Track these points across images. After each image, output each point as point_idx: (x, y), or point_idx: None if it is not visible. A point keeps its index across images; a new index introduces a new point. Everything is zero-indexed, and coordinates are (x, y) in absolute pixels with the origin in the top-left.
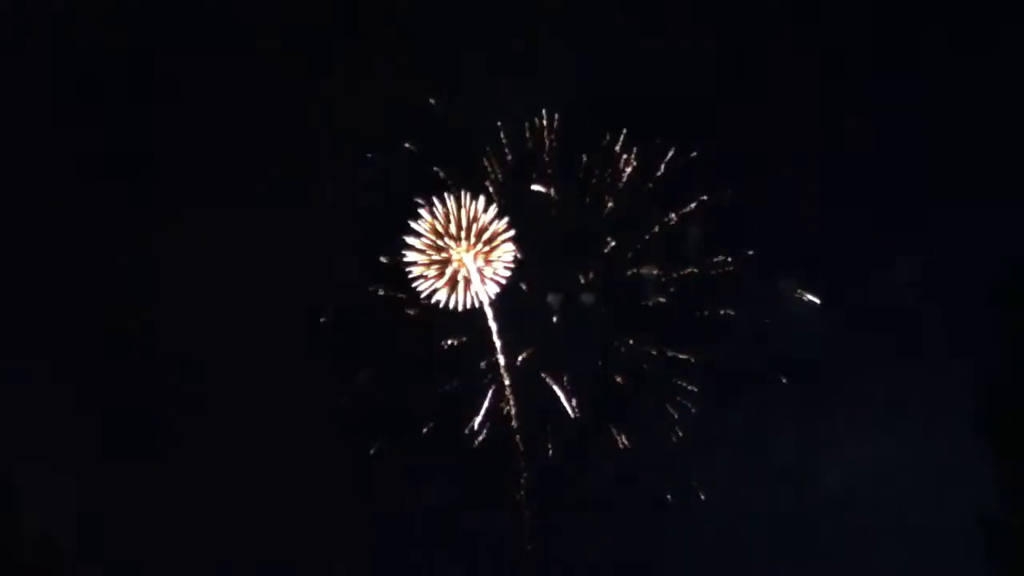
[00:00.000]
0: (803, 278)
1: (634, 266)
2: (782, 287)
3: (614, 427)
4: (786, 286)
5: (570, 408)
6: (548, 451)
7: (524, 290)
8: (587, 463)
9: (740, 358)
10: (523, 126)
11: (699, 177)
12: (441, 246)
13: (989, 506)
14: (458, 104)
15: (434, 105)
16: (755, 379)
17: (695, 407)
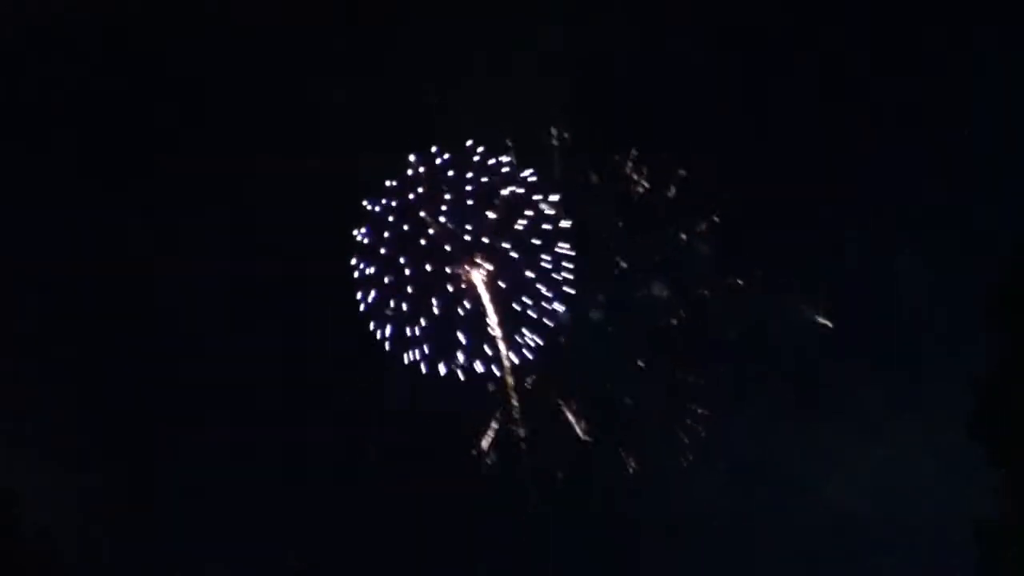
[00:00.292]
0: (809, 293)
1: (644, 286)
2: (800, 311)
3: (623, 450)
4: (805, 310)
5: (579, 430)
6: (557, 474)
7: (532, 308)
8: (595, 486)
9: (748, 378)
10: (531, 144)
11: (707, 197)
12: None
13: (985, 511)
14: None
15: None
16: (762, 398)
17: (704, 430)
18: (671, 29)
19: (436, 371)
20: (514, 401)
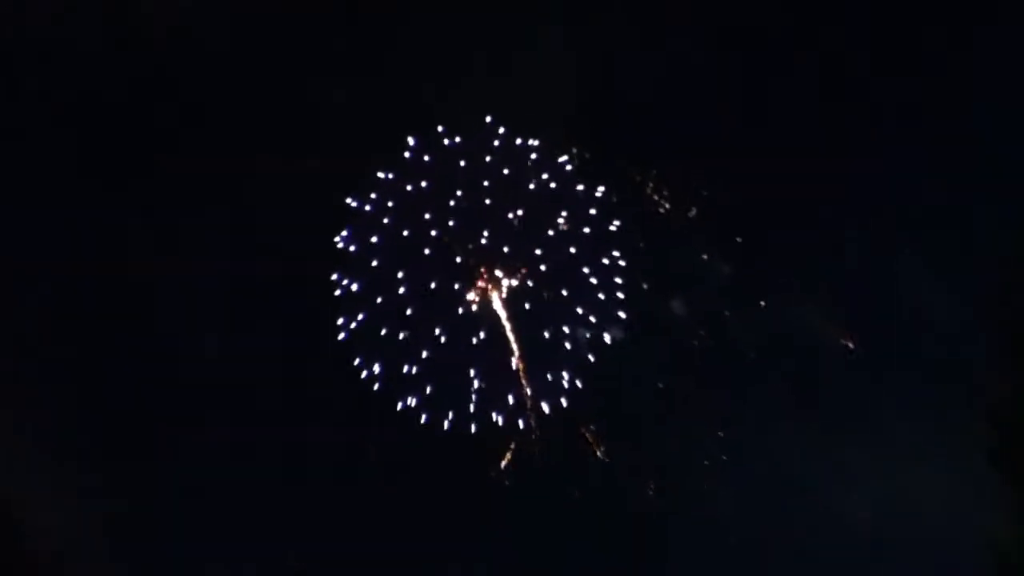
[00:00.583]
0: (828, 311)
1: (665, 305)
2: (827, 334)
3: (642, 473)
4: (832, 334)
5: (599, 451)
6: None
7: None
8: (614, 507)
9: (769, 395)
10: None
11: (726, 215)
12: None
13: (1001, 533)
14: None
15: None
16: (782, 414)
17: (724, 448)
18: (674, 30)
19: (438, 423)
20: (532, 422)
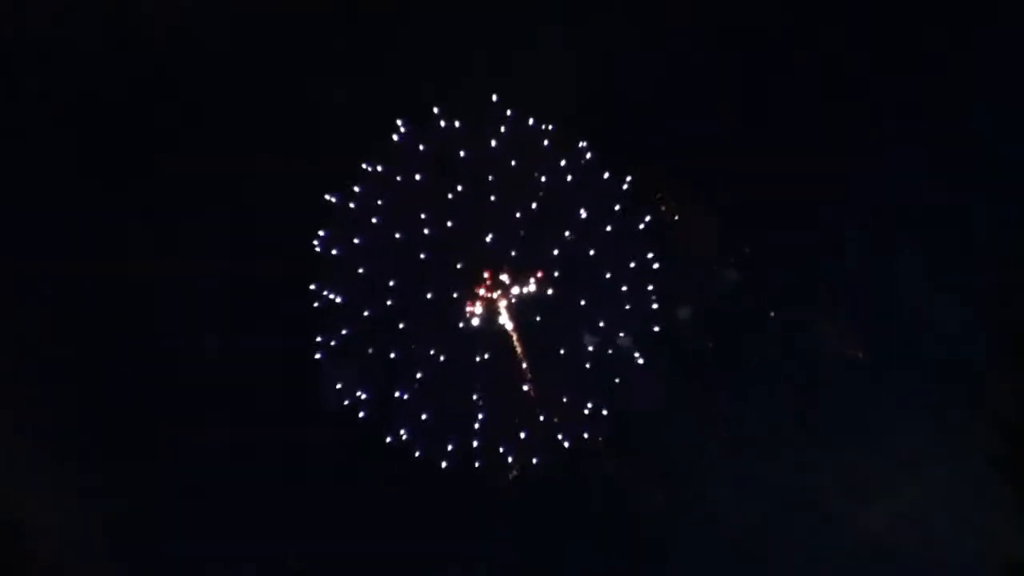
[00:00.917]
0: (831, 315)
1: (675, 314)
2: (830, 338)
3: (649, 480)
4: (840, 343)
5: (607, 462)
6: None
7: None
8: (619, 513)
9: (779, 406)
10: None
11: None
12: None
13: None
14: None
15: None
16: (791, 425)
17: (736, 458)
18: (675, 31)
19: (434, 460)
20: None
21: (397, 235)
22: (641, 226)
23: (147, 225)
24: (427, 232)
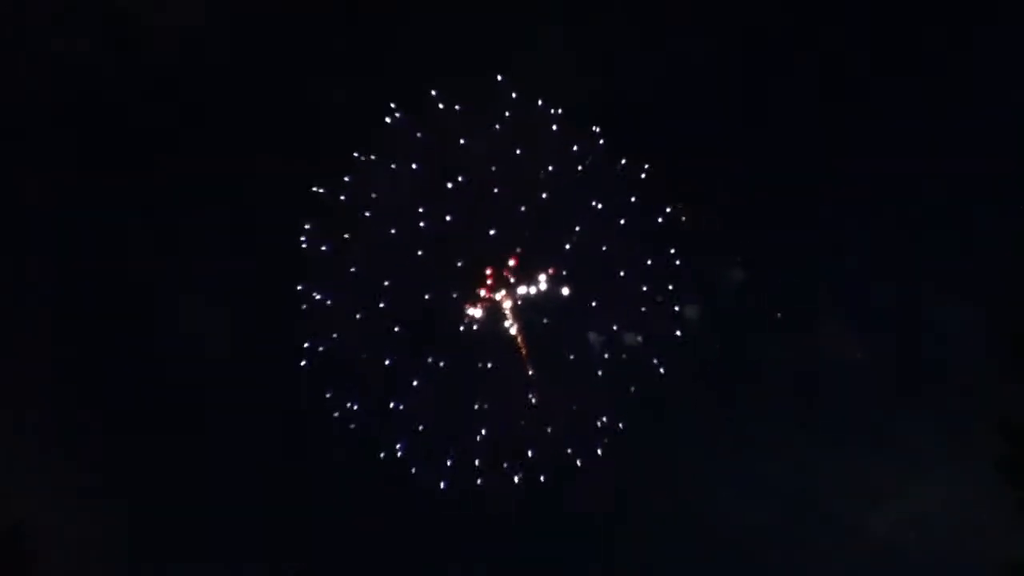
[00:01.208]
0: (844, 325)
1: (679, 318)
2: (839, 345)
3: (652, 484)
4: (845, 345)
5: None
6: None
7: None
8: (623, 524)
9: (786, 411)
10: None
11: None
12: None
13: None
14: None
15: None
16: (799, 429)
17: (741, 460)
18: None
19: (432, 483)
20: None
21: (392, 230)
22: (660, 219)
23: (147, 225)
24: (424, 227)
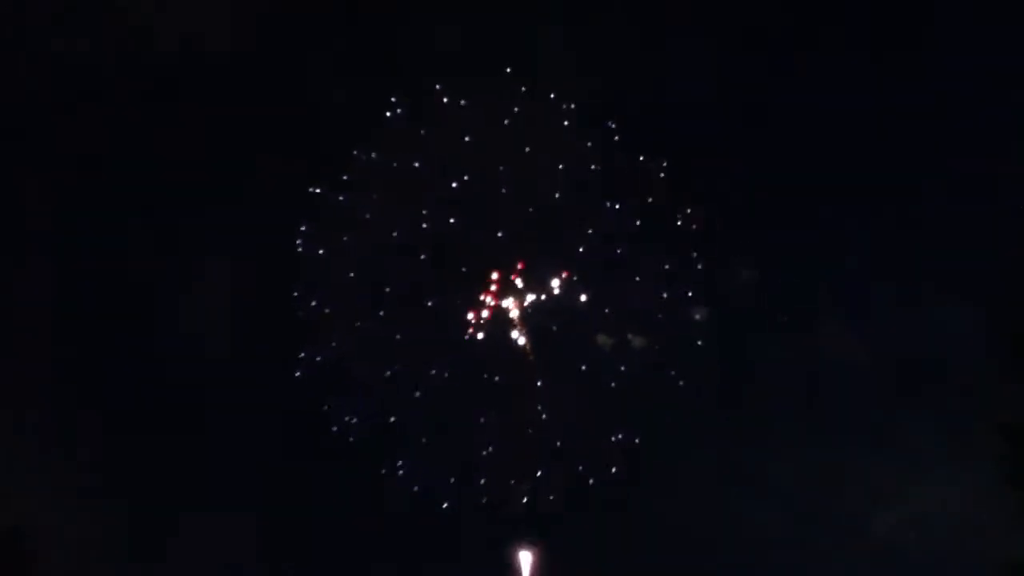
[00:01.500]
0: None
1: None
2: (839, 346)
3: (657, 494)
4: (845, 347)
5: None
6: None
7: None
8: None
9: (792, 413)
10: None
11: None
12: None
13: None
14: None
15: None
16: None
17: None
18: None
19: (435, 496)
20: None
21: (393, 232)
22: (679, 221)
23: (147, 225)
24: (426, 228)
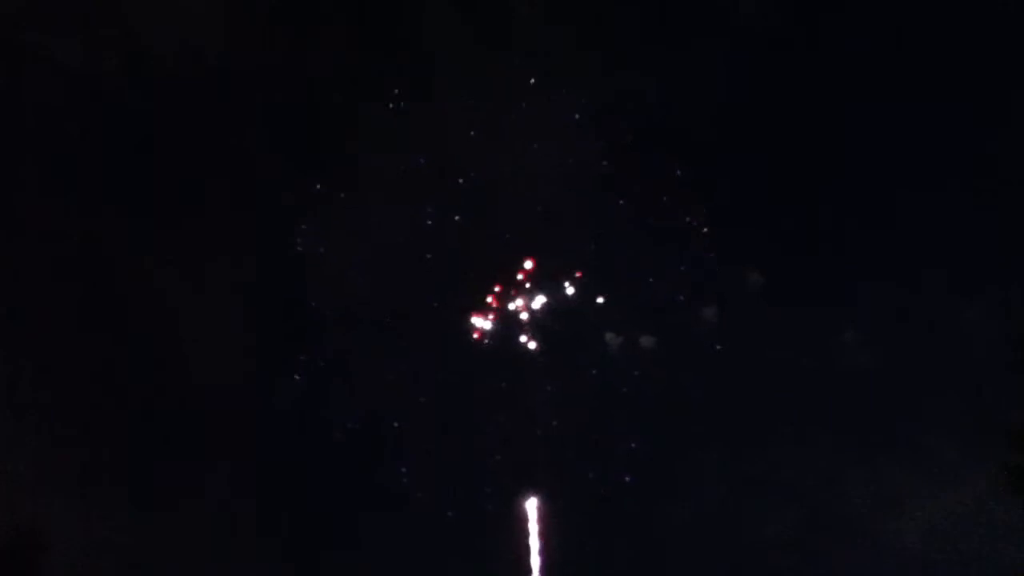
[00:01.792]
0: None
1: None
2: (849, 350)
3: (667, 500)
4: (855, 350)
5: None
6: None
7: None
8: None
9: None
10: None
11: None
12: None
13: None
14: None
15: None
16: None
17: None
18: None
19: (436, 505)
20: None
21: (395, 232)
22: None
23: (147, 225)
24: (430, 228)
